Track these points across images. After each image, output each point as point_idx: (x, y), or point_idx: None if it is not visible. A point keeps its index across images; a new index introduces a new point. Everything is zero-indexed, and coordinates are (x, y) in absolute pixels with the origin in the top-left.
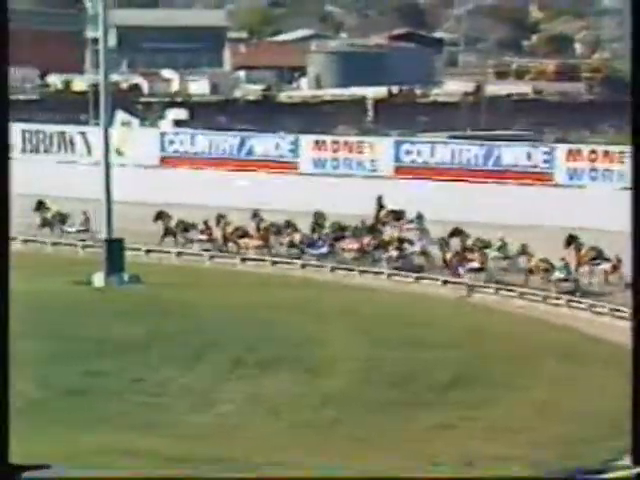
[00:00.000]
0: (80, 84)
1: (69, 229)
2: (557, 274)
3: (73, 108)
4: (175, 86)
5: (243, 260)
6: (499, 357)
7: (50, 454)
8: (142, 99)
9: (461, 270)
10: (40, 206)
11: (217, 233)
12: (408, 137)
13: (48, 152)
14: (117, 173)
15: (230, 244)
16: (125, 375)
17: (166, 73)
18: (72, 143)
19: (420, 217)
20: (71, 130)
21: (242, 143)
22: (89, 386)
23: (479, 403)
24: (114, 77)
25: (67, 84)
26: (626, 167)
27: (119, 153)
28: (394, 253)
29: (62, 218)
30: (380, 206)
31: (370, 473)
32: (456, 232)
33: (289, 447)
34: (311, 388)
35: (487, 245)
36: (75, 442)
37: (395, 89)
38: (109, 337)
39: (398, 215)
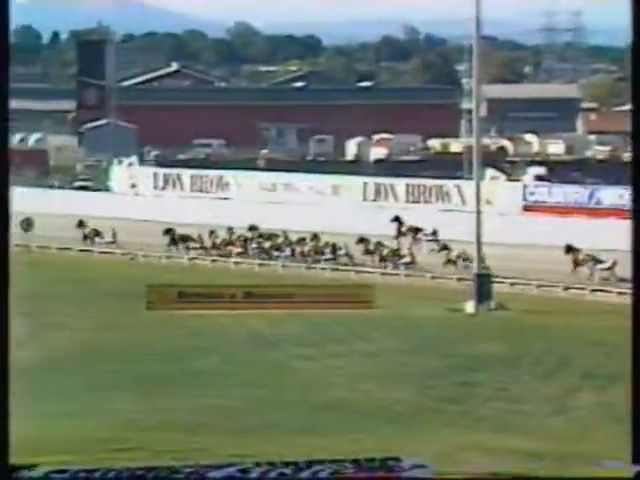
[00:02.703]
0: (456, 146)
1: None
2: None
3: (450, 166)
4: (535, 148)
5: (592, 291)
6: None
7: (429, 450)
8: (507, 158)
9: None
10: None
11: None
12: None
13: (427, 202)
14: (485, 219)
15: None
16: (492, 385)
17: (528, 137)
18: (447, 194)
19: (435, 232)
20: (447, 184)
21: (591, 195)
22: (462, 394)
23: None
24: (485, 140)
25: (445, 146)
26: None
27: (488, 203)
28: (329, 255)
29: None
30: (400, 223)
31: None
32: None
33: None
34: None
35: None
36: (449, 441)
37: None
38: (479, 354)
39: (416, 230)
